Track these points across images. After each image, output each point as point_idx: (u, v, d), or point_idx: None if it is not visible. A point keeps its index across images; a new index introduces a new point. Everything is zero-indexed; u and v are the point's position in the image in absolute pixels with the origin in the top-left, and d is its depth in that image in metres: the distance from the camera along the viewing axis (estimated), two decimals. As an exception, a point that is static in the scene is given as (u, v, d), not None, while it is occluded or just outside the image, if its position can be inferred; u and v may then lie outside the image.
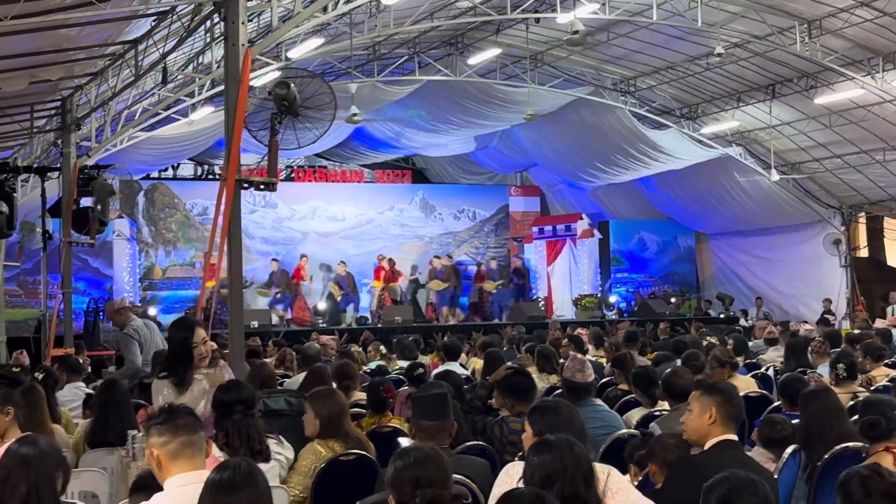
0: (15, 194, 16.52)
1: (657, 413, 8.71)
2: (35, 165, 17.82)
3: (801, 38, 20.46)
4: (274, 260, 29.01)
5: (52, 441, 5.53)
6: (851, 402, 7.90)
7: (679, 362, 10.82)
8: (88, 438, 8.58)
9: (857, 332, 17.87)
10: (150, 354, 12.83)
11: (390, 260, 30.10)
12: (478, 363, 13.90)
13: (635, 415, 9.05)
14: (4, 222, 16.15)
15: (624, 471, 5.85)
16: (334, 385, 9.68)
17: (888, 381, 10.41)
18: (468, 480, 5.79)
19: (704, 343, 14.56)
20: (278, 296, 28.56)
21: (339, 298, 29.06)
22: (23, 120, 17.51)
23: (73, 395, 11.04)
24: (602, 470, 4.92)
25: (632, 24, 21.04)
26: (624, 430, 7.97)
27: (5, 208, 16.13)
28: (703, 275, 31.58)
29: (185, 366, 7.40)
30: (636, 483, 5.85)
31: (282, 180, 21.13)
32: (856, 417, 6.88)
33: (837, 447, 6.40)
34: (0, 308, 22.19)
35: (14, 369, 11.58)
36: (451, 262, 31.21)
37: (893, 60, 20.37)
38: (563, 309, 30.87)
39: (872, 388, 10.04)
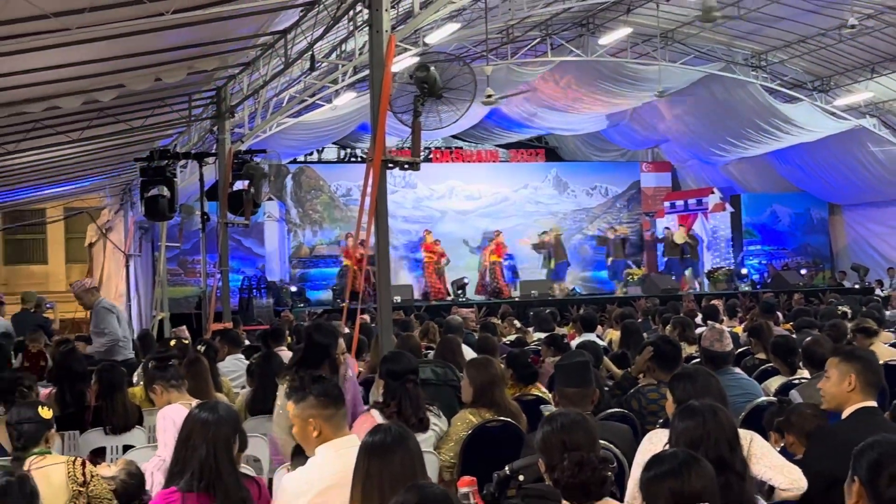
0: (175, 179, 16.94)
1: (796, 381, 8.54)
2: (193, 152, 18.28)
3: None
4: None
5: (230, 408, 5.64)
6: None
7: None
8: (249, 406, 8.80)
9: None
10: (125, 329, 13.57)
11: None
12: (614, 334, 13.85)
13: (774, 383, 8.87)
14: (166, 205, 16.63)
15: (764, 438, 5.76)
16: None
17: None
18: (612, 445, 5.78)
19: (839, 312, 14.27)
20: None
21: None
22: (181, 109, 17.88)
23: (233, 366, 11.30)
24: (745, 436, 4.88)
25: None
26: (763, 398, 7.81)
27: (167, 192, 16.56)
28: (836, 246, 30.88)
29: (325, 367, 7.40)
30: (777, 450, 5.76)
31: (418, 162, 21.31)
32: None
33: None
34: (163, 286, 22.86)
35: (171, 343, 12.18)
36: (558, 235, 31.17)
37: None
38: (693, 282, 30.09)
39: None
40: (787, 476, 5.17)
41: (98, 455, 7.60)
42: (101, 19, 10.41)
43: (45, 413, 6.30)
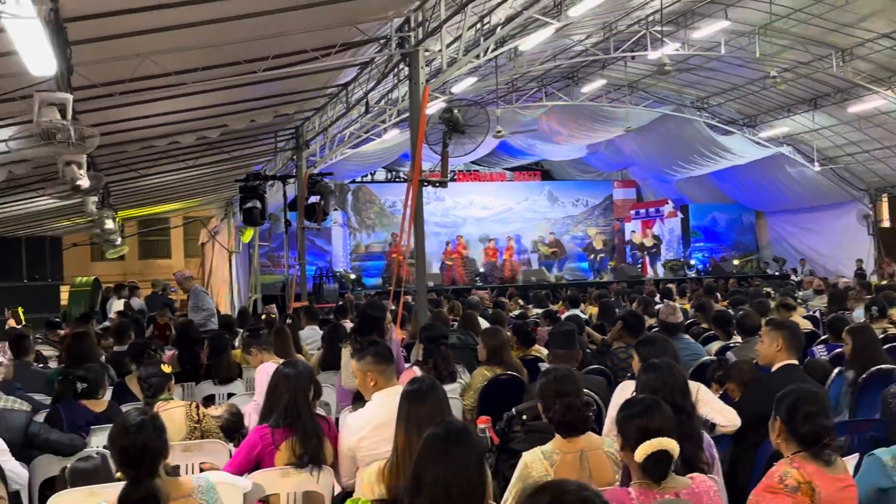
0: (265, 195, 17.07)
1: (732, 345, 8.59)
2: (278, 175, 18.41)
3: (837, 62, 19.81)
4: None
5: (307, 365, 5.72)
6: (882, 335, 7.58)
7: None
8: (321, 364, 8.89)
9: (883, 283, 17.47)
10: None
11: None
12: (593, 309, 13.86)
13: (714, 346, 8.96)
14: (258, 214, 16.89)
15: (707, 387, 5.76)
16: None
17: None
18: (593, 394, 5.81)
19: (763, 292, 14.35)
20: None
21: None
22: (269, 143, 18.00)
23: (310, 334, 11.33)
24: (693, 386, 4.88)
25: (705, 57, 20.60)
26: (706, 357, 7.95)
27: (259, 205, 16.76)
28: (761, 243, 30.81)
29: (376, 334, 7.43)
30: (717, 396, 5.76)
31: (447, 181, 21.29)
32: (886, 346, 6.63)
33: (874, 368, 6.23)
34: (256, 275, 23.03)
35: (262, 317, 12.71)
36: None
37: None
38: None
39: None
40: (725, 416, 5.20)
41: (209, 400, 7.75)
42: (210, 76, 10.47)
43: (167, 369, 6.40)
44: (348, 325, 10.35)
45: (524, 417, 5.45)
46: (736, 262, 28.97)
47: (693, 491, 3.43)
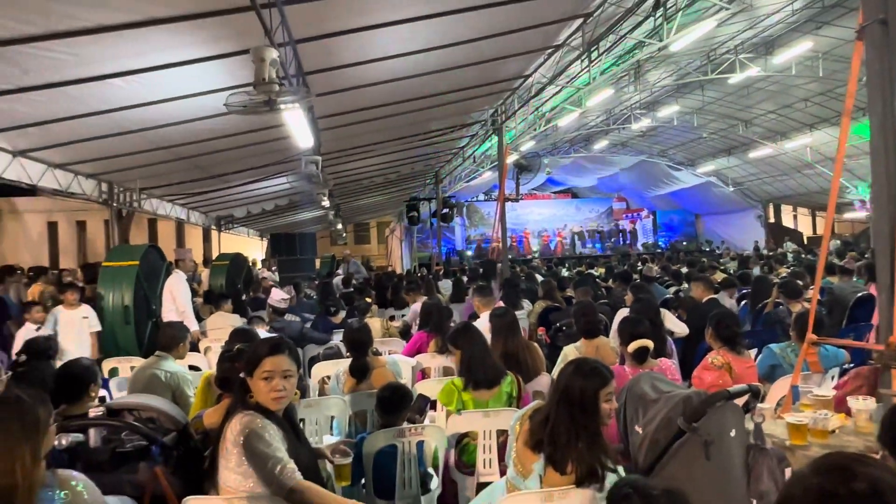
0: (420, 208, 17.22)
1: (682, 289, 8.18)
2: (427, 197, 18.44)
3: (742, 127, 18.92)
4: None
5: (441, 300, 5.77)
6: (775, 282, 7.20)
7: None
8: (450, 299, 8.40)
9: (770, 253, 16.54)
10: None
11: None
12: (601, 270, 13.53)
13: (671, 290, 8.43)
14: (416, 219, 17.01)
15: (669, 312, 5.59)
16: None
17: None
18: (603, 315, 5.68)
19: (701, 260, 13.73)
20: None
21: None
22: (421, 179, 17.83)
23: (445, 284, 10.53)
24: (662, 311, 4.79)
25: (664, 127, 19.84)
26: (668, 296, 7.50)
27: (416, 214, 16.85)
28: (699, 232, 29.57)
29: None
30: (675, 317, 5.58)
31: (519, 199, 20.91)
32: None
33: (763, 301, 5.92)
34: (414, 251, 23.34)
35: (419, 275, 12.28)
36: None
37: (785, 135, 18.65)
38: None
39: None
40: (679, 327, 5.05)
41: (392, 318, 7.79)
42: (391, 145, 10.57)
43: (368, 299, 6.56)
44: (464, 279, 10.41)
45: (563, 328, 5.42)
46: (685, 243, 27.83)
47: (661, 368, 3.35)
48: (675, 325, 4.99)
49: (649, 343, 3.36)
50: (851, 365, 3.59)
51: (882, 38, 2.56)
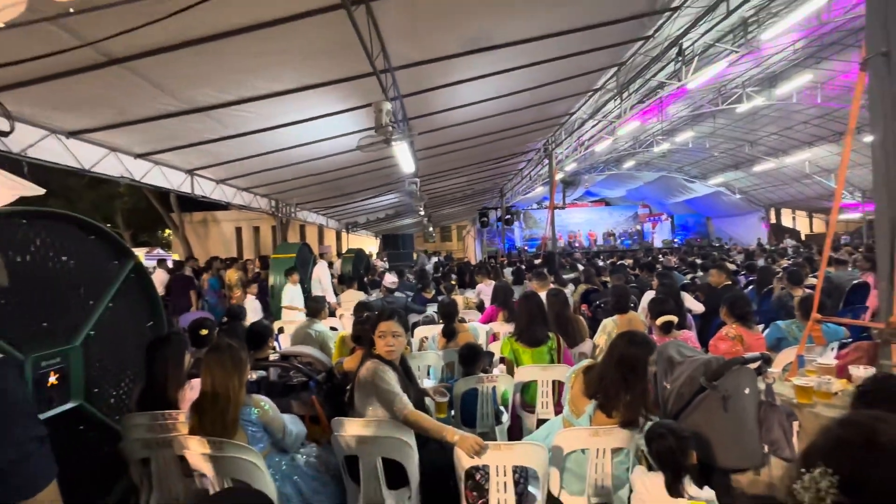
0: (489, 215, 16.81)
1: (698, 276, 7.57)
2: (493, 207, 18.15)
3: (747, 146, 17.18)
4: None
5: (507, 282, 5.53)
6: (778, 271, 6.53)
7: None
8: (513, 283, 8.19)
9: (772, 248, 15.00)
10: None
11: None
12: (629, 261, 12.77)
13: (688, 276, 7.83)
14: (487, 223, 16.55)
15: (688, 294, 5.18)
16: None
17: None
18: (633, 296, 5.33)
19: (713, 254, 12.62)
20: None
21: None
22: (489, 194, 17.45)
23: (507, 272, 10.15)
24: (682, 294, 4.46)
25: (680, 149, 18.40)
26: (685, 281, 6.91)
27: (486, 219, 16.53)
28: (710, 232, 27.26)
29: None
30: (693, 298, 5.17)
31: (564, 207, 20.18)
32: (778, 274, 5.71)
33: (768, 287, 5.38)
34: (484, 247, 22.94)
35: (488, 264, 11.37)
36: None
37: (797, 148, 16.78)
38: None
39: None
40: (696, 306, 4.67)
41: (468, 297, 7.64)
42: (467, 170, 10.53)
43: (453, 282, 6.38)
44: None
45: (601, 305, 5.20)
46: (698, 240, 25.80)
47: (683, 338, 3.13)
48: (693, 304, 4.66)
49: (674, 318, 3.16)
50: (850, 339, 3.21)
51: (884, 68, 2.25)
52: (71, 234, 2.38)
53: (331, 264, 10.43)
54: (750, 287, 5.91)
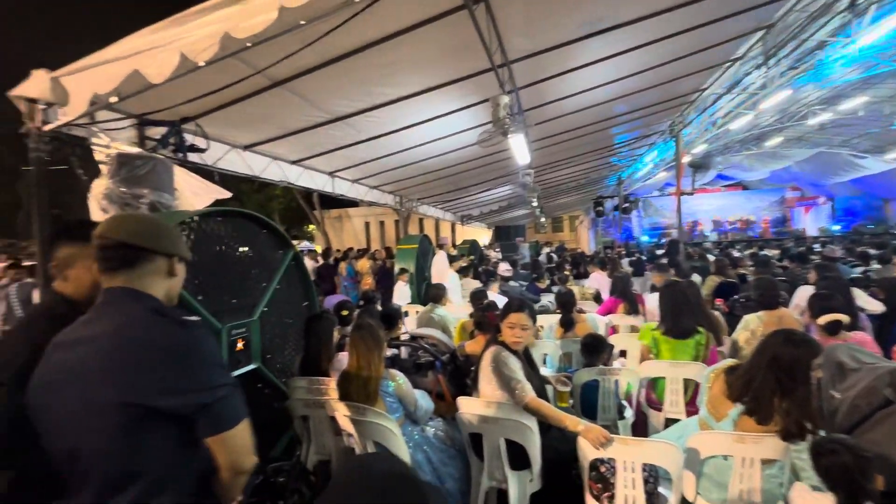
0: (604, 204, 15.90)
1: (871, 269, 6.17)
2: (605, 196, 17.05)
3: None
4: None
5: (627, 272, 5.13)
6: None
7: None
8: (633, 274, 7.74)
9: None
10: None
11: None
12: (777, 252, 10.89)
13: (857, 269, 6.45)
14: (600, 213, 15.69)
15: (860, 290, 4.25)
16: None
17: None
18: (783, 292, 4.59)
19: None
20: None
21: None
22: (605, 184, 16.52)
23: (624, 262, 9.91)
24: (853, 289, 3.67)
25: (849, 116, 14.95)
26: (854, 275, 5.72)
27: (601, 208, 15.62)
28: (888, 214, 21.81)
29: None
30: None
31: (692, 193, 17.97)
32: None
33: None
34: (599, 237, 21.65)
35: (604, 255, 10.95)
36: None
37: None
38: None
39: None
40: (872, 305, 3.86)
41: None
42: (579, 167, 10.07)
43: (567, 272, 6.16)
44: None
45: (743, 300, 4.57)
46: (870, 226, 20.89)
47: (857, 340, 2.59)
48: (868, 302, 3.83)
49: (843, 317, 2.63)
50: None
51: None
52: (250, 228, 2.84)
53: (456, 256, 10.74)
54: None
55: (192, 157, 3.47)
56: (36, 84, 2.41)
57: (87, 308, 1.19)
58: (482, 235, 21.44)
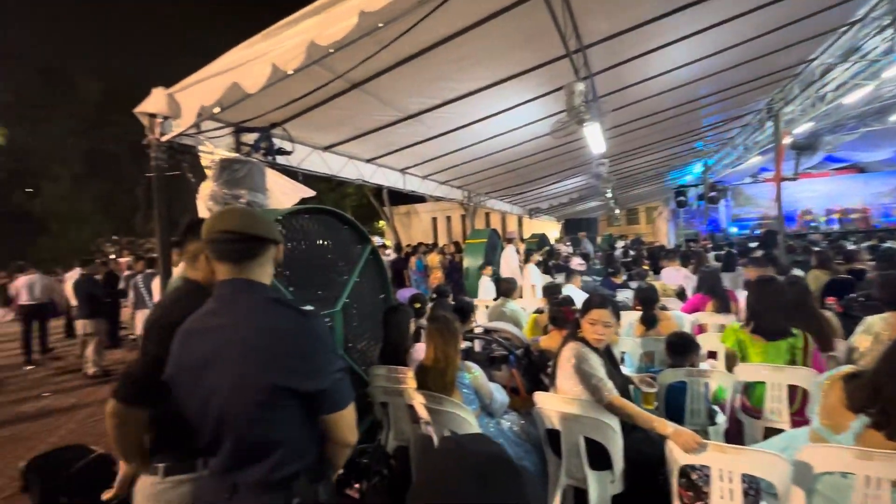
0: (687, 194, 14.70)
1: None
2: (687, 184, 15.72)
3: None
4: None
5: (715, 266, 4.70)
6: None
7: None
8: (722, 269, 7.19)
9: None
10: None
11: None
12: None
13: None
14: (682, 203, 14.55)
15: None
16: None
17: None
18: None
19: None
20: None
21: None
22: (685, 172, 15.30)
23: (710, 256, 8.99)
24: None
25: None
26: None
27: (682, 199, 14.47)
28: None
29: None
30: None
31: (796, 177, 15.84)
32: None
33: None
34: (680, 229, 20.13)
35: (685, 247, 10.26)
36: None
37: None
38: None
39: None
40: None
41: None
42: (655, 158, 9.37)
43: (645, 266, 5.77)
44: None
45: (861, 297, 3.99)
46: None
47: None
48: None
49: None
50: None
51: None
52: (333, 225, 3.01)
53: (531, 250, 10.55)
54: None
55: (280, 159, 3.76)
56: (155, 101, 2.75)
57: (211, 291, 1.31)
58: (550, 229, 20.92)
